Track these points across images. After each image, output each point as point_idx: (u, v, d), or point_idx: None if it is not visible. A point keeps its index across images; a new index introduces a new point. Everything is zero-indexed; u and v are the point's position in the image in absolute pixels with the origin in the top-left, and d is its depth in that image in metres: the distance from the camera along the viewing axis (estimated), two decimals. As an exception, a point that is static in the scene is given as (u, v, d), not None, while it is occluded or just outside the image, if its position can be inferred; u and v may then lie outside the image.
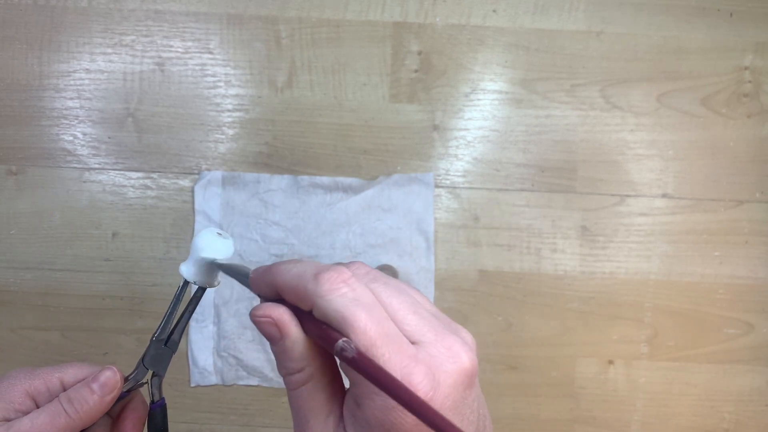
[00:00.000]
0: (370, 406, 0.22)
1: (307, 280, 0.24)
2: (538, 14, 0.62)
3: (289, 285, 0.24)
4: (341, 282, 0.23)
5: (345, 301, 0.23)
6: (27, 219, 0.61)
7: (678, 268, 0.62)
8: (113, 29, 0.61)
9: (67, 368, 0.33)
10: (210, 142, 0.62)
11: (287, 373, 0.25)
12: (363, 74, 0.62)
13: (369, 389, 0.22)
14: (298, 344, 0.25)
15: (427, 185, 0.62)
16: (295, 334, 0.24)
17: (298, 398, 0.25)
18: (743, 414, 0.63)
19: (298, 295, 0.24)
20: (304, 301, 0.24)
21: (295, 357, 0.25)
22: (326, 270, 0.24)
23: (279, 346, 0.25)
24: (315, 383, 0.25)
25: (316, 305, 0.23)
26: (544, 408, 0.62)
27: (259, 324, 0.25)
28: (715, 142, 0.62)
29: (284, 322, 0.25)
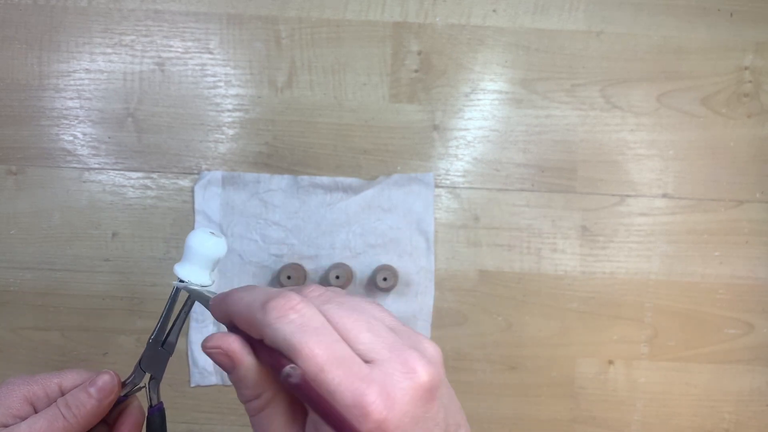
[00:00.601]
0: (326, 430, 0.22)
1: (256, 309, 0.24)
2: (538, 14, 0.62)
3: (240, 314, 0.25)
4: (289, 309, 0.23)
5: (292, 328, 0.23)
6: (27, 219, 0.61)
7: (678, 268, 0.62)
8: (113, 29, 0.61)
9: (66, 374, 0.33)
10: (210, 142, 0.62)
11: (245, 400, 0.25)
12: (363, 74, 0.62)
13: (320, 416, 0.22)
14: (251, 372, 0.25)
15: (427, 185, 0.62)
16: (247, 362, 0.25)
17: (257, 424, 0.25)
18: (743, 414, 0.63)
19: (248, 324, 0.24)
20: (255, 329, 0.24)
21: (250, 384, 0.25)
22: (274, 297, 0.24)
23: (233, 374, 0.25)
24: (273, 408, 0.25)
25: (265, 334, 0.23)
26: (544, 408, 0.62)
27: (210, 355, 0.25)
28: (715, 142, 0.62)
29: (234, 352, 0.25)
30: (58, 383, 0.32)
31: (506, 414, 0.62)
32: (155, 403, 0.34)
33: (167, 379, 0.61)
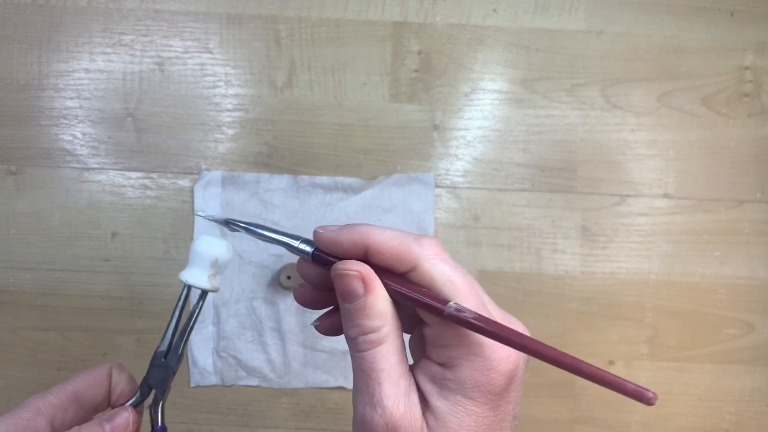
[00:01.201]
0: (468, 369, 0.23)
1: (411, 242, 0.25)
2: (538, 14, 0.62)
3: (388, 244, 0.25)
4: (442, 249, 0.25)
5: (448, 267, 0.24)
6: (26, 219, 0.61)
7: (678, 268, 0.62)
8: (112, 29, 0.61)
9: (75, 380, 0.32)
10: (209, 142, 0.61)
11: (362, 332, 0.25)
12: (363, 74, 0.61)
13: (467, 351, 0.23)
14: (380, 301, 0.25)
15: (427, 185, 0.61)
16: (379, 290, 0.25)
17: (369, 360, 0.25)
18: (744, 414, 0.62)
19: (398, 255, 0.25)
20: (406, 262, 0.25)
21: (375, 314, 0.25)
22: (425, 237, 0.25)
23: (359, 303, 0.25)
24: (389, 344, 0.25)
25: (421, 267, 0.24)
26: (545, 408, 0.62)
27: (344, 277, 0.25)
28: (715, 141, 0.62)
29: (371, 278, 0.25)
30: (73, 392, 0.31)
31: (506, 414, 0.62)
32: (158, 426, 0.32)
33: (167, 379, 0.61)
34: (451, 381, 0.24)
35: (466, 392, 0.24)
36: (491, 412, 0.24)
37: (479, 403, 0.24)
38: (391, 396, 0.24)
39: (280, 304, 0.61)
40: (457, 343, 0.24)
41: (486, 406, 0.24)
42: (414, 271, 0.25)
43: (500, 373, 0.24)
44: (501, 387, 0.24)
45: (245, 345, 0.61)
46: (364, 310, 0.25)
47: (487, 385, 0.24)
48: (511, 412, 0.25)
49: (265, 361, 0.61)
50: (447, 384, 0.24)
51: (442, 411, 0.24)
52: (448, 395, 0.24)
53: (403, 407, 0.24)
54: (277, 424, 0.62)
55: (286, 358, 0.61)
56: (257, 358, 0.61)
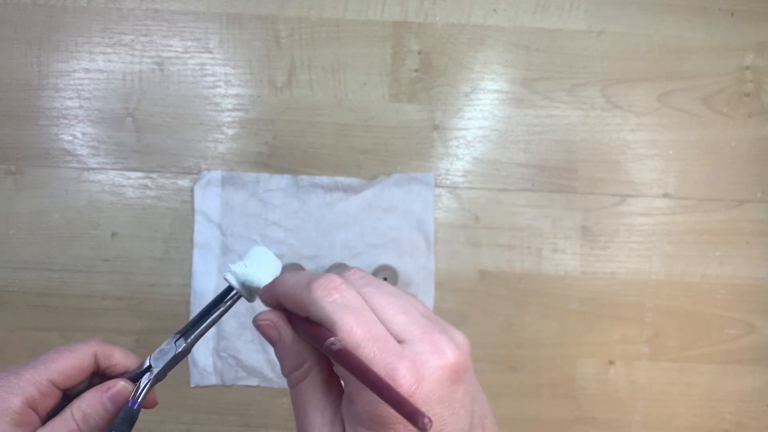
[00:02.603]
0: (360, 402, 0.24)
1: (301, 288, 0.26)
2: (538, 14, 0.62)
3: (287, 294, 0.27)
4: (332, 289, 0.26)
5: (334, 307, 0.25)
6: (26, 219, 0.61)
7: (679, 268, 0.62)
8: (112, 29, 0.61)
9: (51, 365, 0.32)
10: (209, 142, 0.61)
11: (288, 371, 0.28)
12: (363, 74, 0.61)
13: (358, 386, 0.24)
14: (295, 343, 0.27)
15: (427, 185, 0.61)
16: (291, 334, 0.28)
17: (297, 394, 0.27)
18: (744, 414, 0.62)
19: (294, 303, 0.27)
20: (300, 308, 0.26)
21: (293, 354, 0.27)
22: (318, 279, 0.26)
23: (279, 346, 0.28)
24: (312, 379, 0.27)
25: (309, 311, 0.26)
26: (545, 408, 0.62)
27: (261, 327, 0.28)
28: (716, 141, 0.62)
29: (281, 324, 0.28)
30: (49, 380, 0.31)
31: (507, 414, 0.62)
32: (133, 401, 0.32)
33: (167, 379, 0.61)
34: (354, 414, 0.25)
35: (366, 424, 0.24)
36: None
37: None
38: (316, 426, 0.26)
39: (280, 304, 0.61)
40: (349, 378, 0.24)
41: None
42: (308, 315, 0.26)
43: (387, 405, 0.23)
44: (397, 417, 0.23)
45: (245, 345, 0.61)
46: (284, 351, 0.27)
47: (380, 417, 0.23)
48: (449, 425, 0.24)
49: (265, 362, 0.61)
50: (352, 417, 0.25)
51: None
52: (356, 428, 0.25)
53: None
54: (277, 424, 0.62)
55: (286, 358, 0.61)
56: (257, 358, 0.61)
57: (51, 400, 0.32)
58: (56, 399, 0.32)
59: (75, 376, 0.32)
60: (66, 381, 0.32)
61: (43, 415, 0.32)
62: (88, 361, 0.33)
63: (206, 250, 0.61)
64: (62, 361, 0.32)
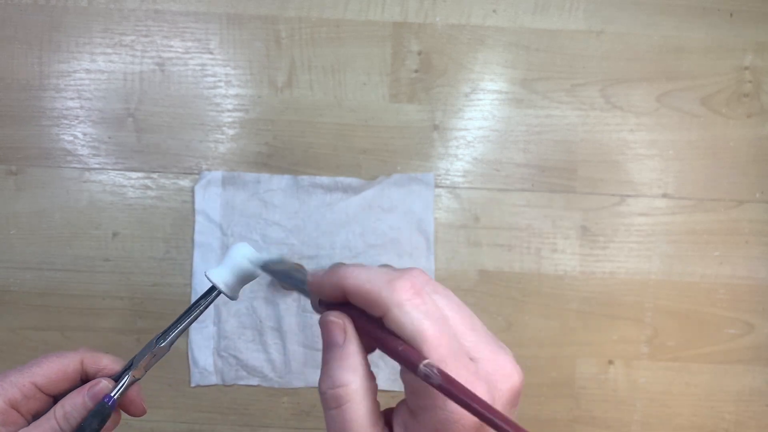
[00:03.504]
0: (432, 419, 0.23)
1: (381, 286, 0.24)
2: (538, 14, 0.62)
3: (360, 289, 0.24)
4: (416, 293, 0.23)
5: (419, 314, 0.23)
6: (27, 219, 0.61)
7: (678, 268, 0.62)
8: (113, 29, 0.61)
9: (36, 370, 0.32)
10: (210, 142, 0.62)
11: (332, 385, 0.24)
12: (363, 74, 0.62)
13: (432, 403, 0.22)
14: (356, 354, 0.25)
15: (427, 185, 0.62)
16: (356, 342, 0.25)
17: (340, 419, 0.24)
18: (743, 414, 0.63)
19: (369, 300, 0.24)
20: (376, 308, 0.24)
21: (348, 367, 0.24)
22: (399, 278, 0.24)
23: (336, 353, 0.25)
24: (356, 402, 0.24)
25: (391, 314, 0.23)
26: (545, 408, 0.62)
27: (329, 325, 0.25)
28: (715, 142, 0.62)
29: (350, 329, 0.25)
30: (32, 382, 0.32)
31: (506, 414, 0.62)
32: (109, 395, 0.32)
33: (167, 378, 0.61)
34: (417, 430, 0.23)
35: None
36: None
37: None
38: None
39: (280, 304, 0.61)
40: (424, 393, 0.23)
41: None
42: (385, 317, 0.24)
43: (464, 426, 0.23)
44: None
45: (246, 345, 0.61)
46: (341, 360, 0.25)
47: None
48: None
49: (266, 361, 0.61)
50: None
51: None
52: None
53: None
54: (278, 423, 0.62)
55: (286, 357, 0.61)
56: (257, 357, 0.61)
57: (35, 402, 0.32)
58: (42, 402, 0.33)
59: (59, 381, 0.33)
60: (51, 385, 0.33)
61: (29, 417, 0.32)
62: (74, 366, 0.33)
63: (207, 250, 0.61)
64: (47, 365, 0.32)
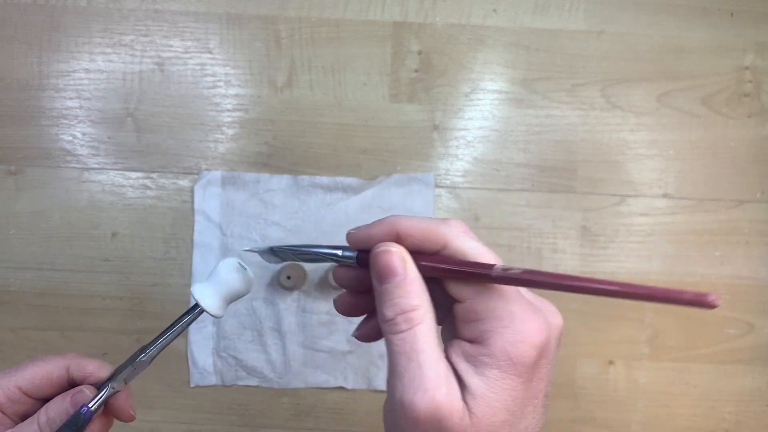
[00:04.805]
0: (500, 340, 0.24)
1: (438, 223, 0.26)
2: (538, 14, 0.62)
3: (417, 227, 0.26)
4: (467, 228, 0.26)
5: (476, 243, 0.26)
6: (26, 219, 0.61)
7: (679, 268, 0.62)
8: (113, 29, 0.61)
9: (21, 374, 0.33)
10: (210, 142, 0.62)
11: (401, 311, 0.25)
12: (363, 74, 0.62)
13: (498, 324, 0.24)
14: (418, 279, 0.26)
15: (427, 185, 0.61)
16: (415, 268, 0.26)
17: (410, 341, 0.25)
18: (744, 414, 0.62)
19: (427, 236, 0.26)
20: (436, 241, 0.26)
21: (414, 292, 0.25)
22: (451, 219, 0.27)
23: (398, 280, 0.25)
24: (427, 325, 0.25)
25: (451, 244, 0.25)
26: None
27: (385, 254, 0.26)
28: (715, 141, 0.62)
29: (409, 257, 0.26)
30: (17, 387, 0.33)
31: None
32: (86, 405, 0.32)
33: (166, 379, 0.61)
34: (485, 355, 0.24)
35: (501, 365, 0.24)
36: (524, 386, 0.24)
37: (513, 376, 0.24)
38: (432, 379, 0.24)
39: (280, 304, 0.61)
40: (488, 316, 0.24)
41: (519, 379, 0.24)
42: (444, 249, 0.26)
43: (531, 345, 0.24)
44: (532, 360, 0.24)
45: (245, 345, 0.61)
46: (405, 287, 0.25)
47: (519, 357, 0.24)
48: (543, 389, 0.25)
49: (265, 361, 0.61)
50: (481, 359, 0.24)
51: (480, 388, 0.24)
52: (483, 371, 0.24)
53: (445, 390, 0.24)
54: (277, 424, 0.62)
55: (286, 358, 0.61)
56: (257, 358, 0.61)
57: (21, 405, 0.33)
58: (28, 405, 0.33)
59: (43, 386, 0.33)
60: (35, 390, 0.33)
61: (15, 418, 0.33)
62: (58, 372, 0.33)
63: (206, 250, 0.61)
64: (32, 370, 0.33)
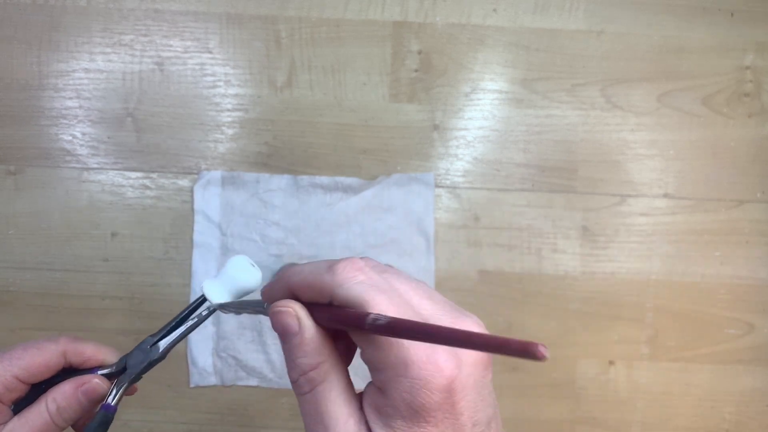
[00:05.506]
0: (397, 389, 0.22)
1: (322, 273, 0.24)
2: (538, 14, 0.62)
3: (305, 282, 0.25)
4: (356, 270, 0.24)
5: (364, 287, 0.23)
6: (26, 219, 0.61)
7: (679, 268, 0.62)
8: (112, 29, 0.61)
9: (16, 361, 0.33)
10: (209, 142, 0.61)
11: (302, 372, 0.24)
12: (363, 74, 0.61)
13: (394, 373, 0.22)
14: (315, 336, 0.24)
15: (427, 185, 0.61)
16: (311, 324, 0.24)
17: (313, 401, 0.24)
18: (744, 414, 0.62)
19: (314, 289, 0.24)
20: (322, 293, 0.24)
21: (313, 350, 0.24)
22: (339, 261, 0.24)
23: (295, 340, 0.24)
24: (331, 381, 0.24)
25: (336, 295, 0.24)
26: (545, 409, 0.62)
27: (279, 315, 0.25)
28: (716, 141, 0.62)
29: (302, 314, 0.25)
30: (14, 376, 0.32)
31: (507, 415, 0.62)
32: (109, 402, 0.32)
33: (166, 379, 0.61)
34: (388, 406, 0.23)
35: (404, 415, 0.22)
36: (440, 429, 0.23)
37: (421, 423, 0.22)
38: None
39: (280, 304, 0.61)
40: (384, 366, 0.23)
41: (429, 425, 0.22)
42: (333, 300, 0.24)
43: (432, 390, 0.22)
44: (438, 404, 0.22)
45: (245, 345, 0.61)
46: (302, 345, 0.24)
47: (422, 405, 0.22)
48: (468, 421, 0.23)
49: (265, 362, 0.61)
50: (386, 410, 0.23)
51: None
52: (390, 422, 0.23)
53: None
54: (277, 424, 0.62)
55: (286, 358, 0.61)
56: (257, 358, 0.61)
57: (16, 393, 0.32)
58: (21, 391, 0.33)
59: (41, 373, 0.33)
60: (32, 377, 0.33)
61: (10, 405, 0.32)
62: (56, 360, 0.33)
63: (206, 250, 0.61)
64: (28, 358, 0.33)
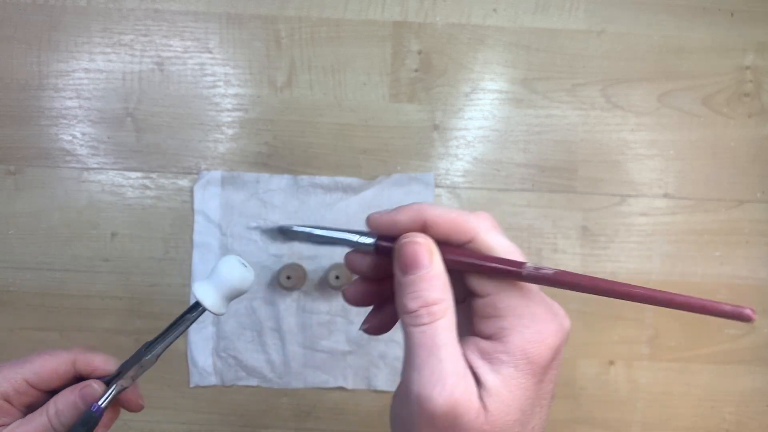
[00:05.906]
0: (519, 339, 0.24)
1: (467, 215, 0.25)
2: (538, 14, 0.62)
3: (445, 217, 0.25)
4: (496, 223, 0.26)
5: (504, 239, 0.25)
6: (25, 219, 0.61)
7: (679, 268, 0.62)
8: (112, 29, 0.61)
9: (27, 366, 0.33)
10: (209, 142, 0.61)
11: (425, 303, 0.24)
12: (363, 74, 0.61)
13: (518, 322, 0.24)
14: (443, 273, 0.25)
15: (427, 185, 0.61)
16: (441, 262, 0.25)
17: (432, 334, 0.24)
18: (744, 414, 0.62)
19: (456, 227, 0.25)
20: (463, 234, 0.25)
21: (439, 286, 0.25)
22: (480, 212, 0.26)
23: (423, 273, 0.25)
24: (449, 319, 0.25)
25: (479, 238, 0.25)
26: (545, 409, 0.62)
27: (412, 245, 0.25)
28: (716, 141, 0.62)
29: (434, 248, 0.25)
30: (24, 379, 0.33)
31: (506, 414, 0.62)
32: (97, 404, 0.32)
33: (166, 379, 0.61)
34: (502, 353, 0.24)
35: (518, 364, 0.24)
36: (536, 387, 0.24)
37: (528, 375, 0.24)
38: (451, 374, 0.23)
39: (280, 304, 0.61)
40: (509, 314, 0.24)
41: (534, 379, 0.24)
42: (472, 242, 0.25)
43: (548, 346, 0.24)
44: (547, 361, 0.24)
45: (245, 345, 0.61)
46: (430, 279, 0.25)
47: (536, 357, 0.24)
48: (551, 390, 0.25)
49: (265, 362, 0.61)
50: (498, 357, 0.24)
51: (496, 386, 0.24)
52: (500, 368, 0.24)
53: (463, 386, 0.23)
54: (277, 424, 0.62)
55: (285, 358, 0.61)
56: (257, 358, 0.61)
57: (27, 397, 0.34)
58: (34, 397, 0.34)
59: (50, 379, 0.34)
60: (42, 382, 0.34)
61: (22, 409, 0.34)
62: (65, 367, 0.34)
63: (206, 250, 0.61)
64: (39, 363, 0.34)
